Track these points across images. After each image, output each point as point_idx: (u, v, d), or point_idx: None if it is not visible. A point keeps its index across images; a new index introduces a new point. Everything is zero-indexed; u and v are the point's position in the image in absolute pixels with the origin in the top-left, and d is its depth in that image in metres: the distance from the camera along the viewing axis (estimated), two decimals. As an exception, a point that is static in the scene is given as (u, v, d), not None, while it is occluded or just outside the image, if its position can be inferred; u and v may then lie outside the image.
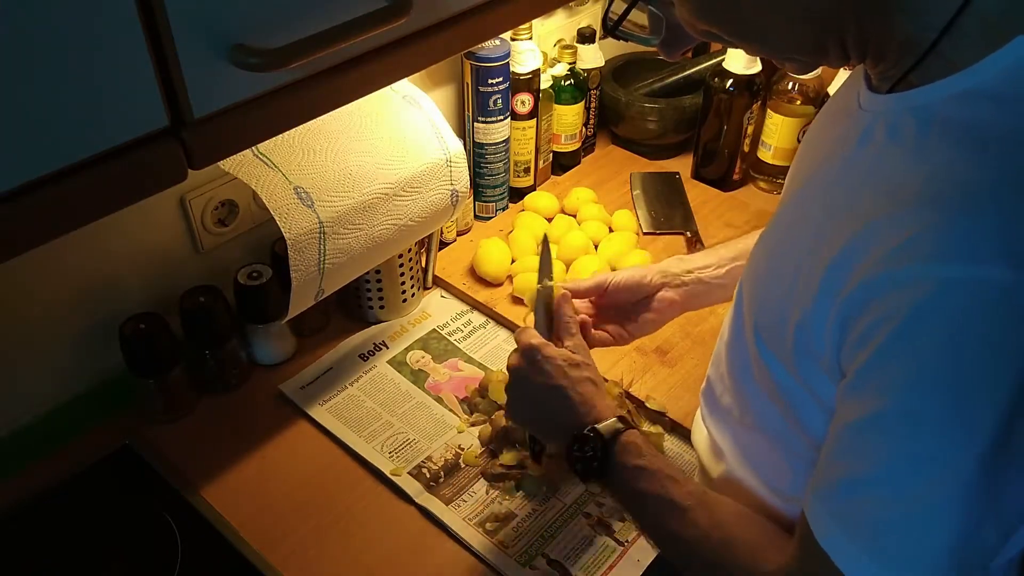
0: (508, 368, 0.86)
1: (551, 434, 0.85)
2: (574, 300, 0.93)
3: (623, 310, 0.96)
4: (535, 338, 0.85)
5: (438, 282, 1.27)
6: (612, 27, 0.73)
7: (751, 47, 0.66)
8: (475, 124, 1.29)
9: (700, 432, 0.88)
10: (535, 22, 1.31)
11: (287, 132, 0.77)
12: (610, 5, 0.72)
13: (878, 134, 0.60)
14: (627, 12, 0.71)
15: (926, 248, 0.52)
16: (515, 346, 0.87)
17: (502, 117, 1.28)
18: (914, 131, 0.57)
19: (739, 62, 1.35)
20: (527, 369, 0.84)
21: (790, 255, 0.65)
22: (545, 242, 0.97)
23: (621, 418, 0.79)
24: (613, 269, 1.24)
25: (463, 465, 1.02)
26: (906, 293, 0.52)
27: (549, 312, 0.91)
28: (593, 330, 0.95)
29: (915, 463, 0.54)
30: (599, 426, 0.78)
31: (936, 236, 0.52)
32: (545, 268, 0.94)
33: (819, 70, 1.34)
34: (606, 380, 1.06)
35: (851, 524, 0.57)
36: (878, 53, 0.60)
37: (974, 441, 0.52)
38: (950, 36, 0.55)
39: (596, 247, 1.29)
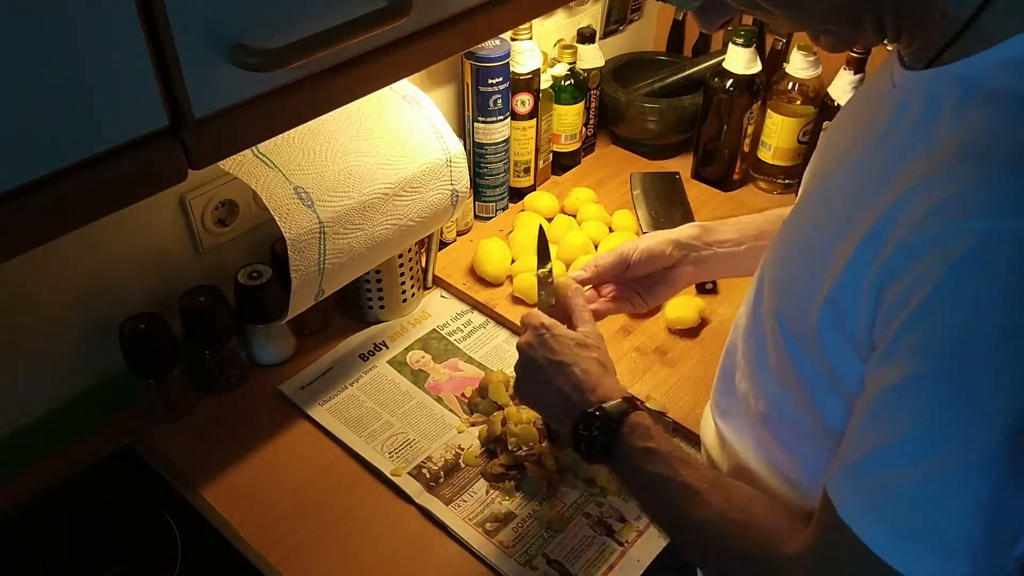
0: (517, 346, 0.87)
1: (556, 413, 0.84)
2: (598, 283, 0.95)
3: (638, 280, 0.96)
4: (545, 318, 0.86)
5: (438, 282, 1.27)
6: None
7: (789, 15, 0.64)
8: (475, 124, 1.29)
9: (708, 425, 0.88)
10: (535, 22, 1.31)
11: (287, 132, 0.77)
12: None
13: (916, 107, 0.60)
14: None
15: (967, 204, 0.52)
16: (515, 348, 0.87)
17: (502, 117, 1.28)
18: (955, 102, 0.57)
19: (739, 62, 1.35)
20: (535, 345, 0.84)
21: (819, 236, 0.64)
22: (541, 231, 0.98)
23: (629, 398, 0.78)
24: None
25: (463, 465, 1.02)
26: (946, 251, 0.51)
27: (551, 297, 0.92)
28: (610, 301, 0.96)
29: (943, 428, 0.53)
30: (606, 405, 0.77)
31: (978, 191, 0.52)
32: (543, 255, 0.95)
33: (819, 69, 1.34)
34: None
35: (875, 496, 0.56)
36: (914, 28, 0.60)
37: (1005, 407, 0.51)
38: (988, 11, 0.55)
39: (596, 247, 1.29)
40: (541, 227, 0.99)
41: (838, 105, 1.29)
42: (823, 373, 0.65)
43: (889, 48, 0.65)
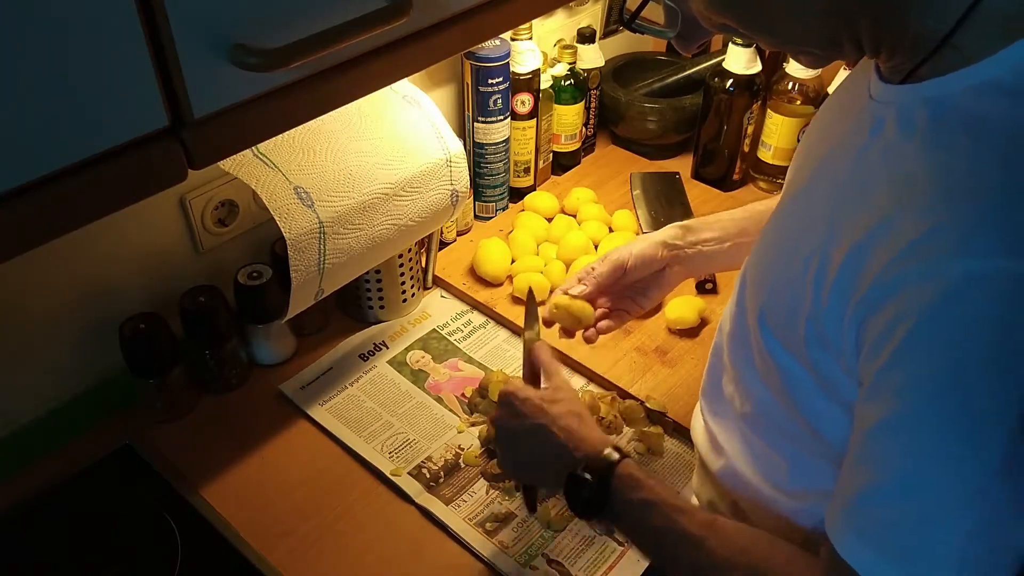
0: (493, 422, 0.86)
1: (544, 478, 0.84)
2: (598, 295, 0.95)
3: (631, 286, 0.97)
4: (510, 385, 0.85)
5: (438, 282, 1.27)
6: (628, 20, 0.73)
7: (765, 39, 0.65)
8: (475, 124, 1.29)
9: (699, 425, 0.88)
10: (535, 22, 1.31)
11: (287, 132, 0.77)
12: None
13: (889, 125, 0.60)
14: (643, 5, 0.71)
15: (940, 244, 0.52)
16: (515, 348, 0.87)
17: (502, 117, 1.28)
18: (926, 123, 0.57)
19: (739, 62, 1.35)
20: (506, 415, 0.83)
21: (799, 247, 0.65)
22: (530, 293, 0.98)
23: (615, 448, 0.76)
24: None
25: (463, 465, 1.02)
26: (921, 291, 0.52)
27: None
28: (608, 317, 0.97)
29: (933, 463, 0.53)
30: (591, 463, 0.75)
31: (950, 232, 0.52)
32: (531, 319, 0.94)
33: (818, 70, 1.34)
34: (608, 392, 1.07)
35: (872, 534, 0.56)
36: (891, 47, 0.60)
37: (993, 438, 0.52)
38: (965, 29, 0.55)
39: (596, 247, 1.29)
40: (531, 290, 1.00)
41: (838, 105, 1.29)
42: (812, 379, 0.65)
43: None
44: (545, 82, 1.34)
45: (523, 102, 1.31)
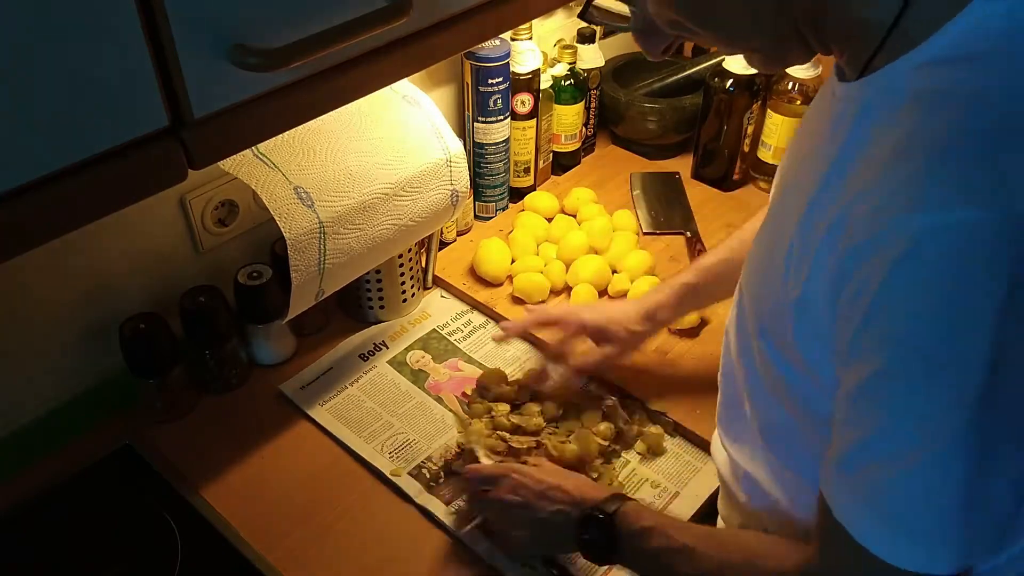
0: (498, 499, 0.88)
1: (560, 535, 0.84)
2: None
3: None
4: (496, 468, 0.92)
5: (438, 282, 1.27)
6: (582, 11, 0.74)
7: (713, 34, 0.65)
8: (475, 124, 1.29)
9: (720, 455, 0.87)
10: (535, 22, 1.31)
11: (287, 132, 0.77)
12: None
13: (851, 119, 0.61)
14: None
15: (895, 206, 0.53)
16: (515, 348, 0.87)
17: (502, 117, 1.28)
18: (886, 108, 0.58)
19: (739, 62, 1.35)
20: (517, 488, 0.87)
21: (780, 246, 0.66)
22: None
23: (616, 495, 0.81)
24: (614, 271, 1.24)
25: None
26: (883, 253, 0.53)
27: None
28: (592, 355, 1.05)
29: (910, 418, 0.55)
30: (598, 503, 0.80)
31: (902, 193, 0.53)
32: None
33: (819, 69, 1.34)
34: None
35: (862, 493, 0.58)
36: (840, 40, 0.61)
37: (965, 391, 0.53)
38: (909, 14, 0.56)
39: (596, 251, 1.29)
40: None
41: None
42: (810, 381, 0.65)
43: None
44: (545, 82, 1.34)
45: (523, 102, 1.31)
